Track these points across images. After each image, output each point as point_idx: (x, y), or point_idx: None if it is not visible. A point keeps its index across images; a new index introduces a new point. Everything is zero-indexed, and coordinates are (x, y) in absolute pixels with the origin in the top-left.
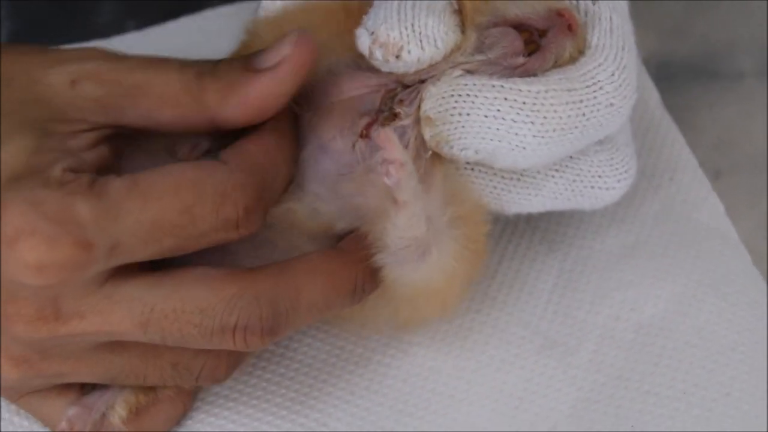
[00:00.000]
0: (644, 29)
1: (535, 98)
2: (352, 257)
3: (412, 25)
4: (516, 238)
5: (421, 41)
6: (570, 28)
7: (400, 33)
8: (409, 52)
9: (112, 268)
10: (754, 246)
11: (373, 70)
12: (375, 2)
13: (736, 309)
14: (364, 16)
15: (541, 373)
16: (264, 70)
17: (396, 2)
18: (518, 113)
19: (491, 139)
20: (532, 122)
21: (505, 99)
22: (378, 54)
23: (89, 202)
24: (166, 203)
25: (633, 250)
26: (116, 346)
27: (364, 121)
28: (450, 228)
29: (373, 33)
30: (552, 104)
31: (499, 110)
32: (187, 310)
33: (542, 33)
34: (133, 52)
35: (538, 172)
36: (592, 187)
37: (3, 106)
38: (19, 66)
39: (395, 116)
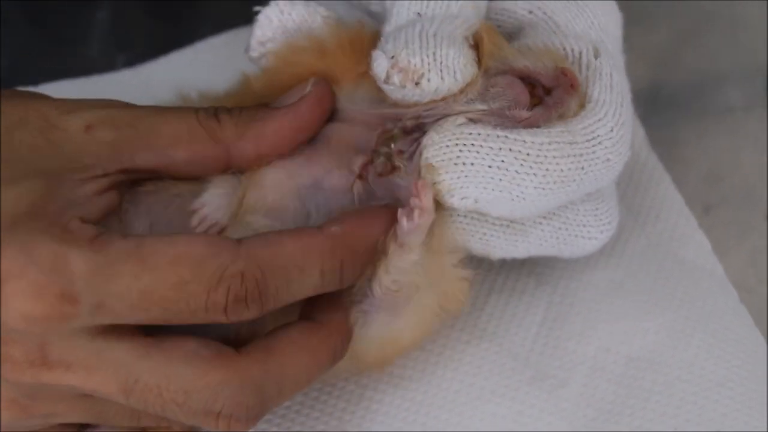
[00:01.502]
0: (633, 62)
1: (539, 150)
2: (330, 329)
3: (434, 54)
4: (505, 271)
5: (441, 71)
6: (572, 86)
7: (422, 60)
8: (428, 80)
9: (104, 324)
10: (744, 280)
11: (367, 107)
12: (388, 28)
13: (725, 345)
14: (380, 39)
15: (532, 405)
16: (282, 107)
17: (417, 28)
18: (522, 164)
19: (493, 189)
20: (534, 174)
21: (510, 150)
22: (396, 79)
23: (85, 255)
24: (161, 275)
25: (621, 284)
26: None
27: (360, 159)
28: (433, 285)
29: (393, 57)
30: (554, 156)
31: (503, 161)
32: (171, 389)
33: (546, 90)
34: (126, 89)
35: (527, 220)
36: (576, 236)
37: (16, 150)
38: (35, 110)
39: (394, 168)
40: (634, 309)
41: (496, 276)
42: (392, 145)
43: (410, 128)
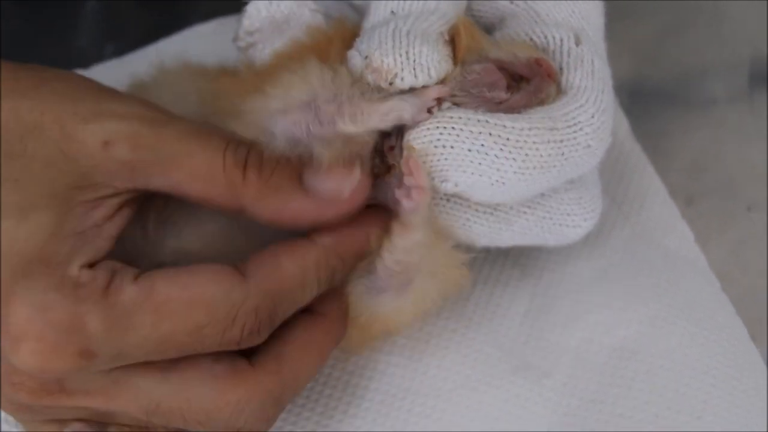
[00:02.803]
0: (617, 55)
1: (519, 135)
2: (331, 318)
3: (407, 53)
4: (489, 263)
5: (414, 69)
6: (549, 75)
7: (395, 60)
8: (402, 79)
9: None
10: (726, 270)
11: None
12: (366, 25)
13: (708, 333)
14: (356, 39)
15: (517, 394)
16: (311, 195)
17: (391, 27)
18: (501, 149)
19: (472, 173)
20: (514, 159)
21: (490, 134)
22: (370, 79)
23: (101, 313)
24: (178, 323)
25: (604, 274)
26: None
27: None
28: (433, 271)
29: (366, 57)
30: (534, 142)
31: (483, 145)
32: (193, 410)
33: (524, 80)
34: (114, 79)
35: (511, 208)
36: (560, 225)
37: (28, 165)
38: (51, 114)
39: (390, 168)
40: (618, 299)
41: (481, 267)
42: (384, 141)
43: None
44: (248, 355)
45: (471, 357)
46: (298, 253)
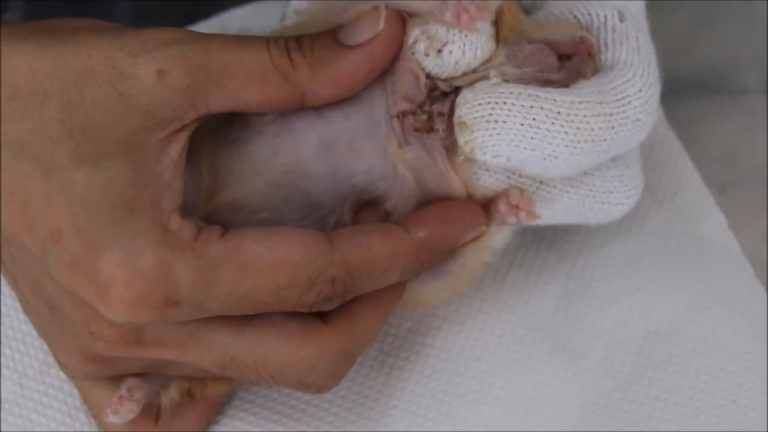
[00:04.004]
0: None
1: (569, 108)
2: (396, 288)
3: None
4: (524, 246)
5: (464, 45)
6: (589, 54)
7: (448, 30)
8: (450, 52)
9: None
10: (757, 257)
11: None
12: None
13: (741, 319)
14: None
15: (552, 375)
16: (355, 47)
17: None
18: (553, 123)
19: (525, 148)
20: (566, 132)
21: (541, 108)
22: (422, 45)
23: (189, 262)
24: (260, 283)
25: (639, 259)
26: None
27: (405, 105)
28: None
29: (427, 22)
30: (585, 115)
31: (534, 119)
32: (267, 365)
33: (566, 57)
34: None
35: (554, 187)
36: (603, 203)
37: (89, 114)
38: (100, 54)
39: (432, 129)
40: (653, 282)
41: (517, 250)
42: (433, 106)
43: (448, 92)
44: (319, 312)
45: (506, 338)
46: (390, 240)
